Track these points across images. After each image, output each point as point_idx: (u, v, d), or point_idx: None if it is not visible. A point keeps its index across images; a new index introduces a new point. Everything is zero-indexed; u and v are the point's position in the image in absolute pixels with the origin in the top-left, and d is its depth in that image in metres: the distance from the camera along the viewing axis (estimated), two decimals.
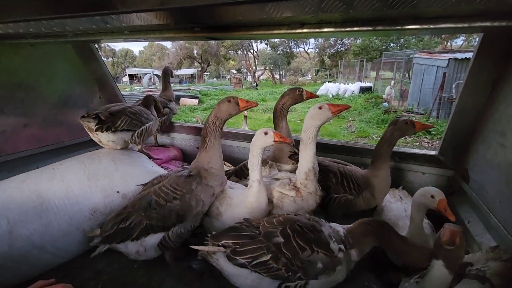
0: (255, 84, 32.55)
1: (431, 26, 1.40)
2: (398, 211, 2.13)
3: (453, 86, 11.95)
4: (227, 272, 1.61)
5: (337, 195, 2.12)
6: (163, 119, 3.53)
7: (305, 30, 1.64)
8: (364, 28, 1.52)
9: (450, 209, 2.33)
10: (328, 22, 1.57)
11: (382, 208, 2.13)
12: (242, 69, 46.93)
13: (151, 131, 2.72)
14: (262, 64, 40.67)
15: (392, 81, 17.34)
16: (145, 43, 50.82)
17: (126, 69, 47.45)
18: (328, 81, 26.63)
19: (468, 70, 2.15)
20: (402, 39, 29.34)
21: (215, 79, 45.74)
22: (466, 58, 12.15)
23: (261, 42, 40.09)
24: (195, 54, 43.45)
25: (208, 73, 48.47)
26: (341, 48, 36.97)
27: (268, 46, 40.65)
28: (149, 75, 30.92)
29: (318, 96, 2.85)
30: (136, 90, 24.97)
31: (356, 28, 1.54)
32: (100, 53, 4.08)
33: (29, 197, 1.98)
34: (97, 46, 3.81)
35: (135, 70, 44.42)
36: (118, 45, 54.74)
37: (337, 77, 30.32)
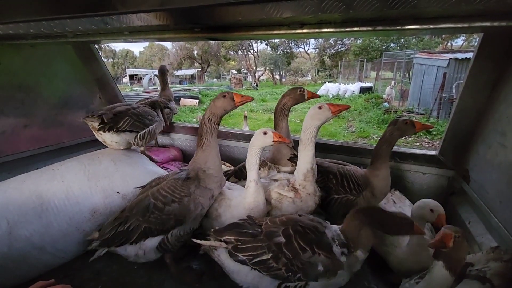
0: (256, 85, 32.58)
1: (431, 26, 1.40)
2: None
3: (454, 86, 11.96)
4: (228, 268, 1.61)
5: (338, 196, 2.11)
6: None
7: (305, 31, 1.63)
8: (364, 28, 1.52)
9: (451, 210, 2.34)
10: (328, 22, 1.57)
11: None
12: (242, 70, 46.92)
13: (155, 134, 2.72)
14: (262, 65, 40.70)
15: (393, 81, 17.35)
16: (145, 44, 50.89)
17: (127, 70, 47.51)
18: (329, 82, 26.62)
19: (469, 70, 2.15)
20: (402, 39, 29.34)
21: (216, 80, 45.76)
22: (467, 58, 12.15)
23: (261, 43, 40.10)
24: (195, 55, 43.50)
25: (208, 74, 48.50)
26: (341, 48, 36.97)
27: (268, 47, 40.68)
28: (150, 76, 30.97)
29: (320, 96, 2.82)
30: (137, 91, 24.98)
31: (356, 28, 1.53)
32: (101, 54, 4.08)
33: (29, 198, 1.98)
34: (97, 47, 3.81)
35: (136, 71, 44.45)
36: (119, 46, 54.87)
37: (338, 78, 30.32)
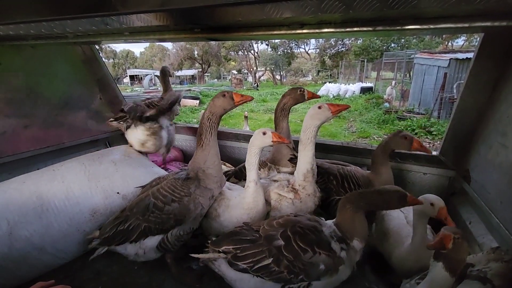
0: (256, 85, 32.56)
1: (431, 26, 1.39)
2: (399, 219, 2.06)
3: (454, 86, 11.94)
4: (229, 278, 1.60)
5: (339, 197, 2.11)
6: None
7: (305, 31, 1.63)
8: (364, 29, 1.52)
9: (451, 210, 2.33)
10: (328, 23, 1.56)
11: (383, 217, 2.10)
12: (243, 70, 46.91)
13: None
14: (263, 65, 40.68)
15: (393, 82, 17.33)
16: (146, 44, 51.00)
17: (127, 70, 47.53)
18: (329, 82, 26.59)
19: (469, 70, 2.15)
20: (403, 40, 29.29)
21: (216, 80, 45.76)
22: (467, 58, 12.11)
23: (262, 43, 40.10)
24: (196, 55, 43.53)
25: (209, 74, 48.51)
26: (342, 49, 36.92)
27: (269, 47, 40.63)
28: (150, 76, 30.96)
29: (320, 97, 2.82)
30: (137, 91, 25.01)
31: (356, 29, 1.53)
32: (101, 54, 4.08)
33: (29, 198, 1.98)
34: (98, 47, 3.81)
35: (136, 71, 44.44)
36: (119, 46, 54.96)
37: (338, 78, 30.29)
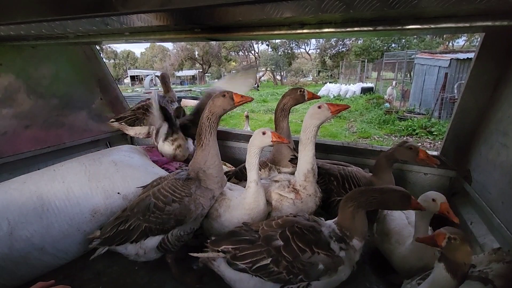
0: (257, 85, 32.55)
1: (432, 26, 1.39)
2: (400, 220, 2.07)
3: (455, 87, 11.92)
4: (229, 278, 1.60)
5: (340, 198, 2.11)
6: None
7: (306, 31, 1.63)
8: (365, 28, 1.51)
9: (453, 210, 2.32)
10: (329, 23, 1.56)
11: (384, 217, 2.10)
12: None
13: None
14: (263, 65, 40.68)
15: (394, 82, 17.30)
16: (147, 45, 51.12)
17: (128, 71, 47.56)
18: (330, 82, 26.56)
19: (470, 70, 2.14)
20: (404, 40, 29.27)
21: (217, 80, 45.73)
22: (468, 58, 12.09)
23: (262, 43, 40.13)
24: (196, 56, 43.59)
25: (210, 74, 48.49)
26: (342, 49, 36.90)
27: (269, 47, 40.65)
28: (151, 77, 30.97)
29: (320, 97, 2.81)
30: (138, 91, 25.02)
31: (357, 28, 1.53)
32: (102, 55, 4.10)
33: (30, 199, 1.98)
34: (99, 48, 3.82)
35: (137, 72, 44.43)
36: (120, 47, 55.04)
37: (339, 78, 30.27)
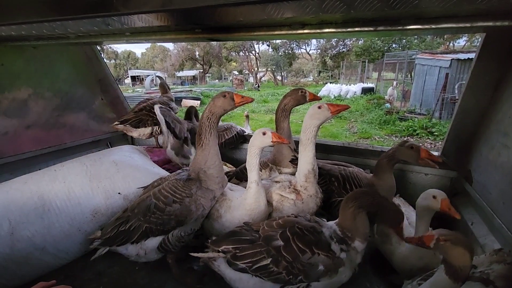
0: (257, 86, 32.56)
1: (433, 26, 1.39)
2: None
3: (456, 87, 11.89)
4: (229, 277, 1.60)
5: (341, 198, 2.10)
6: None
7: (306, 31, 1.63)
8: (366, 29, 1.51)
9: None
10: (329, 23, 1.56)
11: None
12: (244, 71, 46.95)
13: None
14: (264, 66, 40.70)
15: (394, 82, 17.26)
16: (147, 45, 51.22)
17: (129, 71, 47.63)
18: (330, 82, 26.54)
19: (471, 71, 2.14)
20: (404, 40, 29.24)
21: (217, 81, 45.80)
22: (469, 59, 12.06)
23: (263, 44, 40.12)
24: (197, 56, 43.63)
25: (210, 75, 48.58)
26: (343, 49, 36.88)
27: (270, 48, 40.63)
28: (151, 77, 30.94)
29: (321, 98, 2.80)
30: (139, 92, 25.04)
31: (358, 29, 1.53)
32: (103, 55, 4.11)
33: (31, 199, 1.99)
34: (99, 48, 3.83)
35: (137, 72, 44.51)
36: (121, 47, 55.15)
37: (339, 78, 30.26)
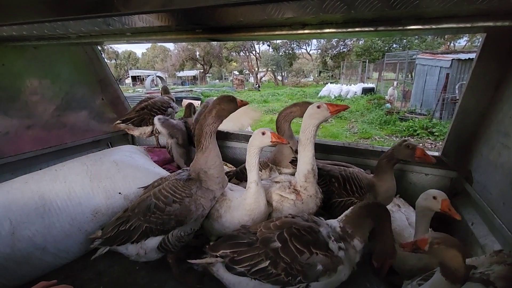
0: (258, 86, 32.56)
1: (433, 27, 1.39)
2: (401, 221, 2.11)
3: (456, 87, 11.88)
4: (228, 281, 1.60)
5: (342, 199, 2.11)
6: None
7: (307, 31, 1.63)
8: (366, 29, 1.51)
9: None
10: (330, 23, 1.56)
11: None
12: (244, 71, 46.98)
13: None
14: (264, 66, 40.71)
15: (395, 82, 17.27)
16: (148, 45, 51.24)
17: (129, 71, 47.66)
18: (331, 82, 26.54)
19: (471, 71, 2.13)
20: (405, 40, 29.23)
21: (218, 81, 45.84)
22: (469, 59, 12.05)
23: (263, 44, 40.15)
24: (198, 56, 43.69)
25: (211, 75, 48.61)
26: (344, 49, 36.89)
27: (270, 48, 40.66)
28: (152, 77, 31.01)
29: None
30: (139, 92, 25.07)
31: (358, 29, 1.52)
32: (103, 55, 4.13)
33: (32, 199, 1.99)
34: (100, 48, 3.84)
35: (138, 72, 44.51)
36: (121, 47, 55.21)
37: (340, 78, 30.25)
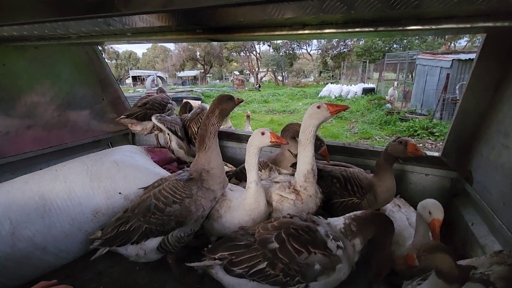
0: (258, 86, 32.56)
1: (434, 27, 1.39)
2: (401, 221, 2.12)
3: (457, 87, 11.87)
4: (227, 283, 1.60)
5: (343, 199, 2.11)
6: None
7: (307, 31, 1.63)
8: (366, 29, 1.51)
9: (454, 212, 2.32)
10: (330, 23, 1.56)
11: None
12: (245, 71, 46.99)
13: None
14: (265, 66, 40.68)
15: (395, 82, 17.24)
16: (148, 45, 51.30)
17: (130, 71, 47.68)
18: (331, 83, 26.52)
19: (471, 71, 2.13)
20: (405, 40, 29.20)
21: (218, 81, 45.85)
22: (470, 59, 12.04)
23: (264, 44, 40.13)
24: (198, 56, 43.69)
25: (211, 75, 48.62)
26: (344, 50, 36.86)
27: (271, 48, 40.64)
28: (152, 77, 30.92)
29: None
30: (140, 92, 25.07)
31: (358, 29, 1.52)
32: (104, 56, 4.14)
33: (32, 198, 1.99)
34: (101, 48, 3.85)
35: (138, 72, 44.51)
36: (122, 47, 55.22)
37: (340, 79, 30.25)
